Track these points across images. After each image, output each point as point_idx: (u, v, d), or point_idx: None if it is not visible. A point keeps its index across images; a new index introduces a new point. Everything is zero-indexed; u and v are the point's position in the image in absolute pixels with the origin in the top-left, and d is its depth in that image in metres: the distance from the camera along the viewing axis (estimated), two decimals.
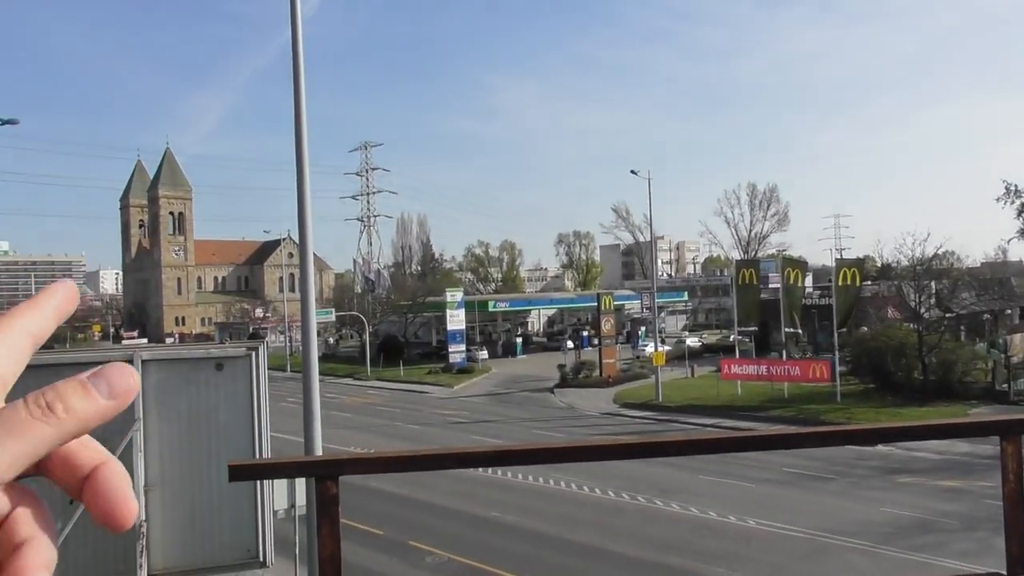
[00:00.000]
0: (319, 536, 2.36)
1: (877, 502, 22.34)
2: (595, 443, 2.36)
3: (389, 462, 2.37)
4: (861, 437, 2.42)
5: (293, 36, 10.09)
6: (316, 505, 2.35)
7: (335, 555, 2.34)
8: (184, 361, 7.95)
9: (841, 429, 2.36)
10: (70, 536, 7.35)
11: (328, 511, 2.33)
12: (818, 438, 2.53)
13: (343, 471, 2.34)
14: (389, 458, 2.34)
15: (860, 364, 40.30)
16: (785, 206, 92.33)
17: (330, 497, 2.33)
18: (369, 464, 2.31)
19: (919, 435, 2.58)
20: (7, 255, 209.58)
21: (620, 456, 2.29)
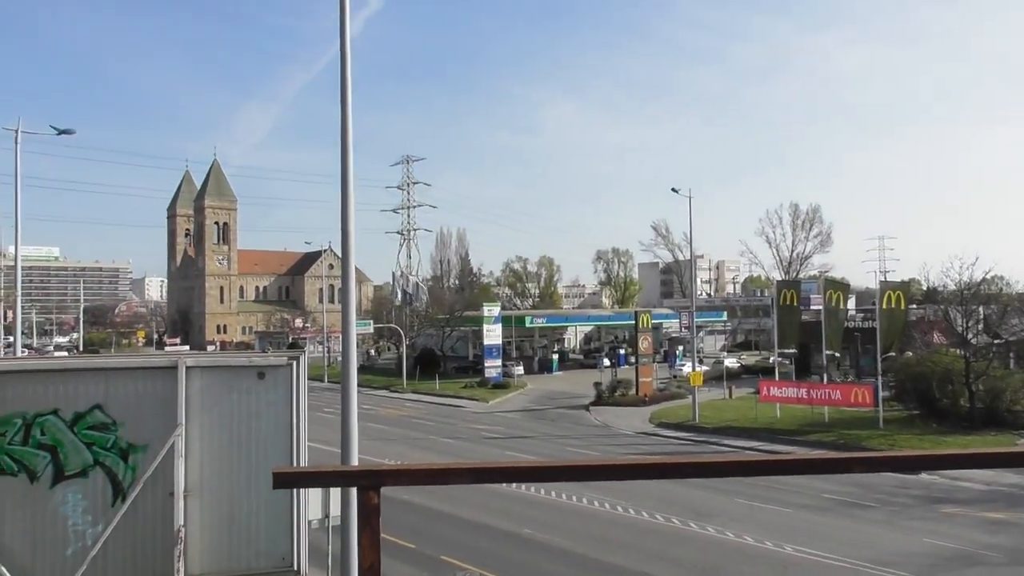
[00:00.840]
0: (360, 546, 2.37)
1: (919, 532, 21.71)
2: (636, 462, 2.34)
3: (430, 474, 2.38)
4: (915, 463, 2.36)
5: (342, 52, 10.27)
6: (358, 515, 2.37)
7: (375, 565, 2.35)
8: (227, 368, 8.08)
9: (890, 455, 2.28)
10: (109, 538, 7.51)
11: (369, 521, 2.34)
12: (863, 464, 2.48)
13: (385, 482, 2.36)
14: (430, 470, 2.35)
15: (904, 389, 39.29)
16: (828, 227, 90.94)
17: (372, 507, 2.34)
18: (410, 475, 2.32)
19: (970, 463, 2.51)
20: (57, 261, 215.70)
21: (670, 475, 2.27)
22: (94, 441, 7.59)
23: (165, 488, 7.62)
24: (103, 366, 8.03)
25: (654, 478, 2.15)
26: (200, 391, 7.88)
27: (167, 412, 7.73)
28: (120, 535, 7.48)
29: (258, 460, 7.96)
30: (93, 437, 7.58)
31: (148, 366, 8.08)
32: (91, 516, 7.49)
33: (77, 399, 7.61)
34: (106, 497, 7.54)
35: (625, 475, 2.36)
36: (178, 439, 7.64)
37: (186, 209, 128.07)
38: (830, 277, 64.17)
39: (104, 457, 7.59)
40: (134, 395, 7.79)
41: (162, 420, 7.72)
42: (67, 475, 7.49)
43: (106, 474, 7.58)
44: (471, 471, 2.39)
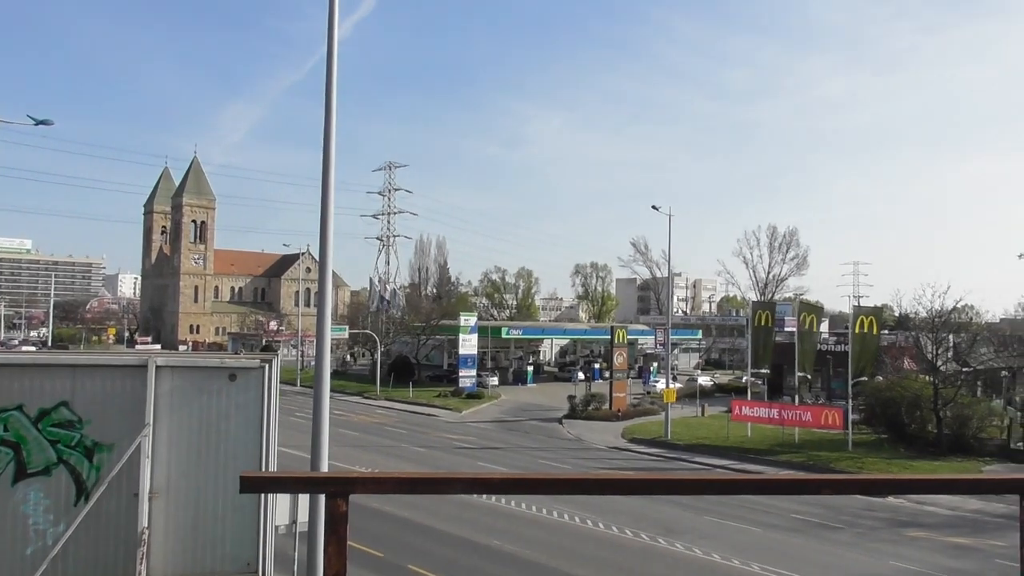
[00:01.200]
0: (326, 554, 2.35)
1: (885, 555, 21.93)
2: (610, 476, 2.35)
3: (400, 483, 2.37)
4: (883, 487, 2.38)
5: (328, 55, 10.25)
6: (325, 522, 2.35)
7: (340, 574, 2.32)
8: (198, 369, 7.98)
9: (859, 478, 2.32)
10: (71, 539, 7.36)
11: (336, 529, 2.32)
12: (832, 485, 2.51)
13: (354, 489, 2.34)
14: (400, 479, 2.34)
15: (874, 413, 39.78)
16: (804, 250, 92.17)
17: (339, 515, 2.32)
18: (380, 484, 2.30)
19: (937, 489, 2.55)
20: (29, 254, 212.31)
21: (637, 491, 2.28)
22: (59, 439, 7.45)
23: (130, 489, 7.49)
24: (71, 362, 7.89)
25: (621, 494, 2.16)
26: (170, 391, 7.78)
27: (135, 411, 7.61)
28: (82, 535, 7.34)
29: (226, 463, 7.86)
30: (58, 435, 7.44)
31: (117, 364, 7.95)
32: (53, 515, 7.34)
33: (43, 395, 7.47)
34: (69, 496, 7.40)
35: (594, 490, 2.36)
36: (145, 439, 7.53)
37: (163, 206, 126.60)
38: (805, 300, 64.98)
39: (68, 455, 7.45)
40: (102, 393, 7.66)
41: (130, 419, 7.60)
42: (29, 473, 7.34)
43: (70, 473, 7.44)
44: (442, 481, 2.38)
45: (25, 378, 7.47)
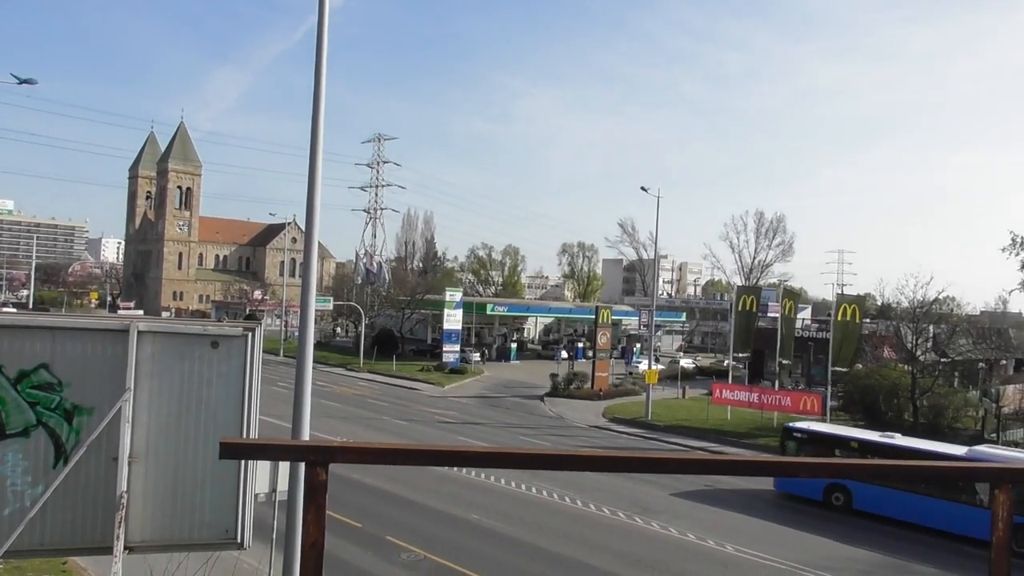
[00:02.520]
0: (304, 522, 2.35)
1: (859, 541, 22.30)
2: (591, 454, 2.36)
3: (382, 453, 2.37)
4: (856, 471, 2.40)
5: (319, 22, 10.10)
6: (304, 491, 2.34)
7: (318, 543, 2.33)
8: (180, 335, 7.91)
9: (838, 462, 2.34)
10: (49, 500, 7.32)
11: (315, 498, 2.32)
12: (808, 468, 2.53)
13: (335, 458, 2.33)
14: (382, 449, 2.34)
15: (852, 400, 40.27)
16: (791, 236, 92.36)
17: (319, 484, 2.32)
18: (361, 454, 2.30)
19: (914, 475, 2.58)
20: (11, 214, 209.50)
21: (617, 468, 2.29)
22: (38, 401, 7.37)
23: (109, 453, 7.44)
24: (52, 324, 7.78)
25: (595, 470, 2.17)
26: (151, 356, 7.70)
27: (116, 376, 7.53)
28: (60, 498, 7.30)
29: (207, 430, 7.82)
30: (37, 397, 7.36)
31: (98, 327, 7.86)
32: (31, 477, 7.28)
33: (23, 357, 7.37)
34: (48, 459, 7.34)
35: (570, 466, 2.37)
36: (126, 404, 7.47)
37: (148, 171, 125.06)
38: (789, 287, 65.37)
39: (48, 418, 7.38)
40: (82, 356, 7.57)
41: (110, 384, 7.53)
42: (8, 434, 7.26)
43: (49, 435, 7.37)
44: (422, 453, 2.38)
45: (4, 339, 7.37)
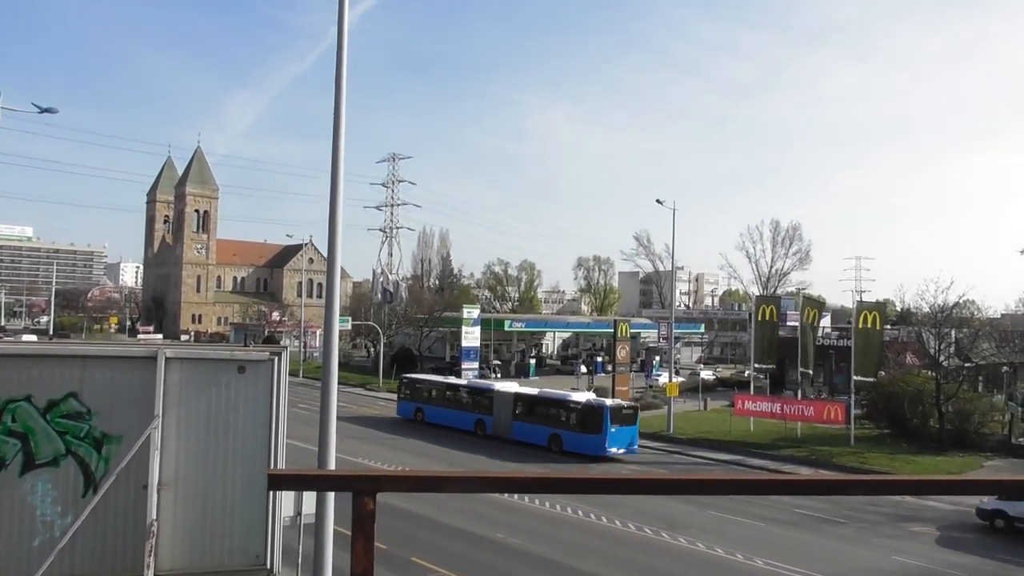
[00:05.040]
0: (353, 552, 2.31)
1: (887, 549, 21.95)
2: (640, 476, 2.30)
3: (429, 481, 2.33)
4: (919, 488, 2.33)
5: (339, 48, 10.17)
6: (352, 520, 2.31)
7: (368, 572, 2.29)
8: (207, 361, 7.95)
9: (903, 479, 2.28)
10: (79, 530, 7.34)
11: (364, 527, 2.29)
12: (862, 486, 2.47)
13: (382, 487, 2.30)
14: (428, 477, 2.30)
15: (876, 408, 39.79)
16: (807, 244, 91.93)
17: (367, 513, 2.29)
18: (408, 482, 2.26)
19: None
20: (31, 241, 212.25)
21: (666, 491, 2.23)
22: (67, 430, 7.42)
23: (139, 481, 7.47)
24: (80, 353, 7.86)
25: (663, 493, 2.12)
26: (179, 383, 7.74)
27: (144, 403, 7.57)
28: (90, 527, 7.31)
29: (235, 456, 7.84)
30: (66, 426, 7.41)
31: (127, 355, 7.92)
32: (60, 507, 7.31)
33: (52, 386, 7.43)
34: (77, 488, 7.38)
35: (629, 490, 2.32)
36: (154, 431, 7.50)
37: (166, 195, 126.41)
38: (808, 295, 64.84)
39: (77, 447, 7.42)
40: (111, 384, 7.62)
41: (139, 411, 7.57)
42: (38, 464, 7.31)
43: (78, 464, 7.42)
44: (469, 480, 2.34)
45: (34, 369, 7.44)
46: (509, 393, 39.74)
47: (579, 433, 35.70)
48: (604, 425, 34.70)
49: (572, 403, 37.26)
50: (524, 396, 39.44)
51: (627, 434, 35.68)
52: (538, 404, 38.50)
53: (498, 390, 40.63)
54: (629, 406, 38.67)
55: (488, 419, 39.63)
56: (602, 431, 34.69)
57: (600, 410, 35.33)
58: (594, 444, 34.88)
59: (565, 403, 37.53)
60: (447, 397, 42.26)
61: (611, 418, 34.98)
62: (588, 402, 37.05)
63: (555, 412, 37.35)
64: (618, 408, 36.63)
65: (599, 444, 34.64)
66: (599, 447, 34.63)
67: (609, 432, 34.70)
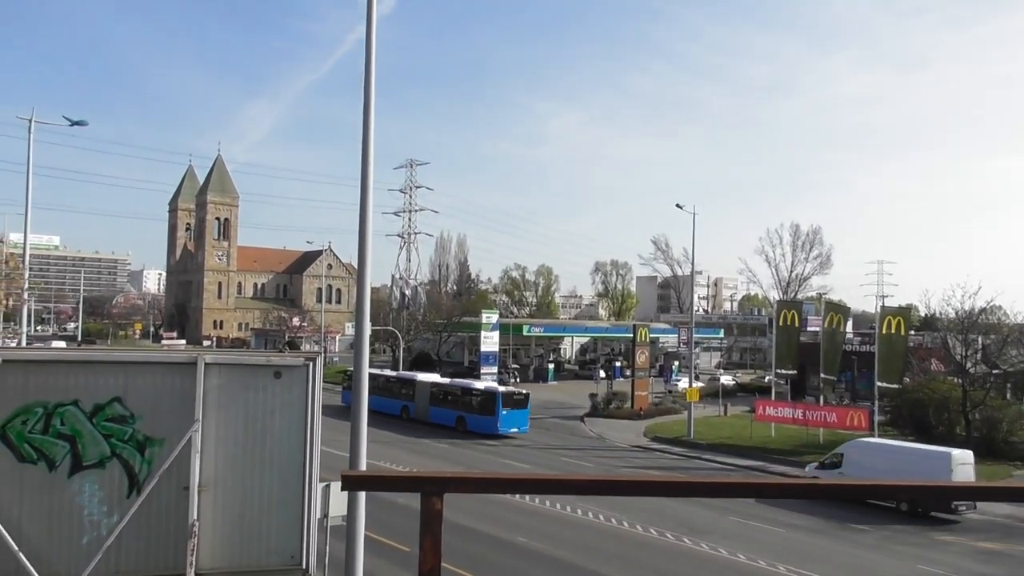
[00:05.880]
0: (421, 549, 2.47)
1: (912, 558, 21.80)
2: (695, 479, 2.45)
3: (492, 483, 2.49)
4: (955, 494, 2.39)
5: (367, 58, 10.39)
6: (421, 520, 2.47)
7: (435, 569, 2.45)
8: (245, 367, 8.17)
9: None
10: (124, 530, 7.58)
11: (432, 527, 2.45)
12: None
13: (448, 488, 2.47)
14: (494, 479, 2.46)
15: (900, 415, 39.43)
16: (828, 248, 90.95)
17: (434, 513, 2.45)
18: (473, 483, 2.43)
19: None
20: (57, 250, 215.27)
21: (709, 494, 2.38)
22: (112, 433, 7.67)
23: (180, 482, 7.70)
24: (123, 359, 8.11)
25: (720, 496, 2.25)
26: (218, 388, 7.97)
27: (185, 407, 7.81)
28: (134, 527, 7.55)
29: (272, 458, 8.05)
30: (111, 429, 7.66)
31: (168, 361, 8.17)
32: (107, 507, 7.56)
33: (97, 391, 7.69)
34: (122, 489, 7.62)
35: (673, 492, 2.46)
36: (195, 434, 7.73)
37: (188, 204, 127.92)
38: (830, 300, 64.42)
39: (121, 449, 7.67)
40: (153, 389, 7.87)
41: (179, 415, 7.81)
42: (85, 465, 7.56)
43: (123, 466, 7.66)
44: (534, 482, 2.50)
45: (80, 375, 7.70)
46: (427, 383, 45.25)
47: (479, 415, 41.41)
48: (497, 409, 40.56)
49: (474, 390, 42.79)
50: (439, 385, 45.21)
51: (518, 416, 41.54)
52: (449, 392, 44.07)
53: (419, 380, 45.98)
54: (520, 393, 43.25)
55: (411, 405, 45.15)
56: (496, 414, 40.54)
57: (494, 396, 41.18)
58: (489, 424, 40.79)
59: (469, 390, 43.06)
60: (380, 386, 44.87)
61: (503, 403, 40.92)
62: (485, 389, 42.70)
63: (462, 398, 42.97)
64: (510, 394, 42.22)
65: (493, 424, 40.59)
66: (493, 427, 40.52)
67: (501, 414, 40.61)
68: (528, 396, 42.98)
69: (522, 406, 41.83)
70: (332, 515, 13.33)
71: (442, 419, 42.81)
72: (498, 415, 40.48)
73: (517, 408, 41.56)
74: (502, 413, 40.60)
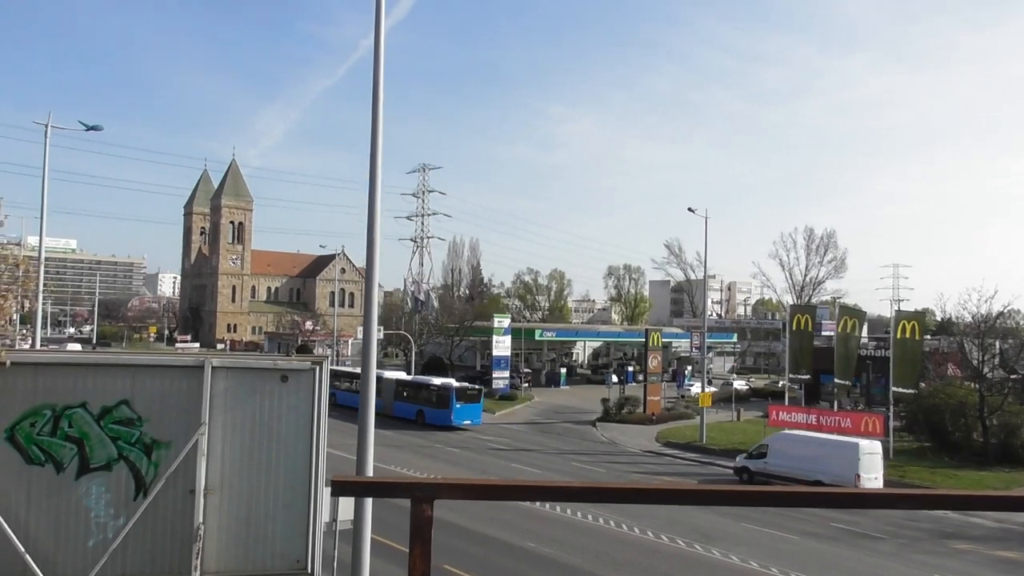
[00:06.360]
0: (411, 556, 2.43)
1: (928, 567, 21.51)
2: (698, 488, 2.40)
3: (484, 489, 2.44)
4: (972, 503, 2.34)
5: (375, 64, 10.40)
6: (411, 526, 2.42)
7: (425, 575, 2.41)
8: (251, 371, 8.17)
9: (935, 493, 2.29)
10: (130, 532, 7.59)
11: (422, 533, 2.40)
12: (910, 500, 2.53)
13: (440, 495, 2.42)
14: (485, 486, 2.42)
15: (916, 421, 39.01)
16: (843, 252, 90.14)
17: (425, 519, 2.41)
18: (466, 490, 2.39)
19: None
20: (74, 253, 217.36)
21: (722, 502, 2.32)
22: (119, 436, 7.69)
23: (186, 485, 7.70)
24: (131, 362, 8.14)
25: (718, 504, 2.21)
26: (224, 391, 7.97)
27: (191, 410, 7.82)
28: (140, 529, 7.56)
29: (278, 462, 8.04)
30: (119, 432, 7.68)
31: (175, 364, 8.18)
32: (113, 509, 7.58)
33: (105, 393, 7.72)
34: (129, 491, 7.63)
35: (673, 500, 2.41)
36: (201, 438, 7.73)
37: (202, 208, 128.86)
38: (845, 304, 63.93)
39: (128, 452, 7.69)
40: (160, 392, 7.89)
41: (186, 418, 7.82)
42: (92, 468, 7.59)
43: (129, 469, 7.68)
44: (523, 489, 2.45)
45: (88, 377, 7.73)
46: (392, 379, 48.27)
47: (435, 409, 44.67)
48: (451, 403, 44.14)
49: (432, 386, 46.02)
50: (402, 381, 48.88)
51: (471, 410, 45.42)
52: (410, 387, 47.63)
53: (385, 377, 47.64)
54: (473, 389, 47.32)
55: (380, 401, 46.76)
56: (450, 407, 44.05)
57: (448, 391, 44.73)
58: (444, 417, 44.04)
59: (427, 386, 46.34)
60: (351, 383, 47.38)
61: (457, 397, 44.68)
62: (441, 384, 45.75)
63: (422, 393, 46.24)
64: (463, 389, 46.06)
65: (448, 417, 43.88)
66: (448, 419, 43.77)
67: (455, 408, 44.26)
68: (481, 391, 47.56)
69: (475, 400, 46.06)
70: (341, 519, 13.37)
71: (405, 413, 45.76)
72: (452, 409, 44.20)
73: (470, 402, 45.60)
74: (456, 407, 44.42)
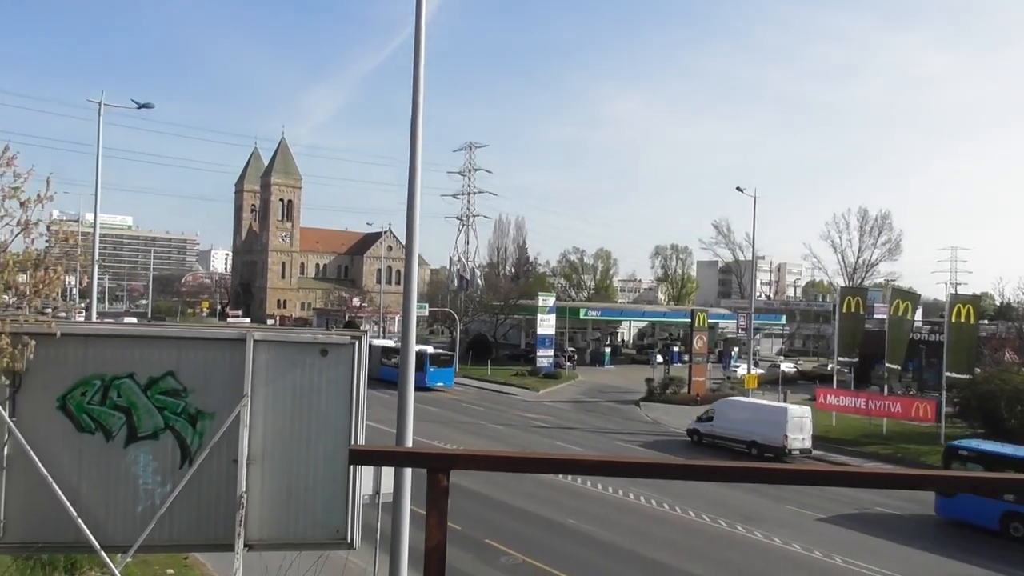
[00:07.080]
0: (427, 525, 2.46)
1: (981, 556, 20.98)
2: (705, 464, 2.37)
3: (500, 461, 2.45)
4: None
5: (416, 39, 10.39)
6: (427, 496, 2.45)
7: (440, 545, 2.43)
8: (292, 344, 8.33)
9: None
10: (176, 499, 7.84)
11: (438, 503, 2.43)
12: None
13: (456, 465, 2.44)
14: (502, 457, 2.42)
15: (969, 407, 37.87)
16: (898, 234, 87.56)
17: (441, 489, 2.42)
18: (480, 461, 2.40)
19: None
20: (130, 229, 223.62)
21: (731, 479, 2.29)
22: (166, 406, 7.92)
23: (230, 455, 7.91)
24: (177, 335, 8.36)
25: (715, 480, 2.18)
26: (266, 364, 8.14)
27: (234, 382, 8.01)
28: (186, 497, 7.81)
29: (318, 434, 8.19)
30: (165, 402, 7.92)
31: (219, 337, 8.38)
32: (160, 477, 7.83)
33: (152, 365, 7.95)
34: (175, 460, 7.88)
35: (684, 475, 2.39)
36: (244, 409, 7.92)
37: (253, 185, 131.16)
38: (898, 287, 62.25)
39: (174, 422, 7.92)
40: (204, 364, 8.09)
41: (229, 390, 8.01)
42: (139, 436, 7.84)
43: (175, 438, 7.92)
44: (539, 461, 2.45)
45: (136, 349, 7.98)
46: (379, 346, 51.62)
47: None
48: (426, 367, 49.23)
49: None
50: (386, 347, 53.42)
51: (443, 374, 52.28)
52: (393, 352, 51.00)
53: (373, 344, 49.71)
54: (446, 355, 54.86)
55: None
56: (424, 370, 48.54)
57: (423, 355, 49.26)
58: (419, 379, 45.17)
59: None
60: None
61: (431, 362, 50.95)
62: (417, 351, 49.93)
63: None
64: (436, 355, 53.41)
65: (422, 380, 47.06)
66: (422, 382, 46.92)
67: (429, 371, 49.98)
68: (453, 358, 55.58)
69: (447, 365, 53.24)
70: (384, 492, 13.59)
71: (388, 376, 48.47)
72: (426, 372, 49.22)
73: (443, 367, 52.37)
74: (430, 370, 50.12)
